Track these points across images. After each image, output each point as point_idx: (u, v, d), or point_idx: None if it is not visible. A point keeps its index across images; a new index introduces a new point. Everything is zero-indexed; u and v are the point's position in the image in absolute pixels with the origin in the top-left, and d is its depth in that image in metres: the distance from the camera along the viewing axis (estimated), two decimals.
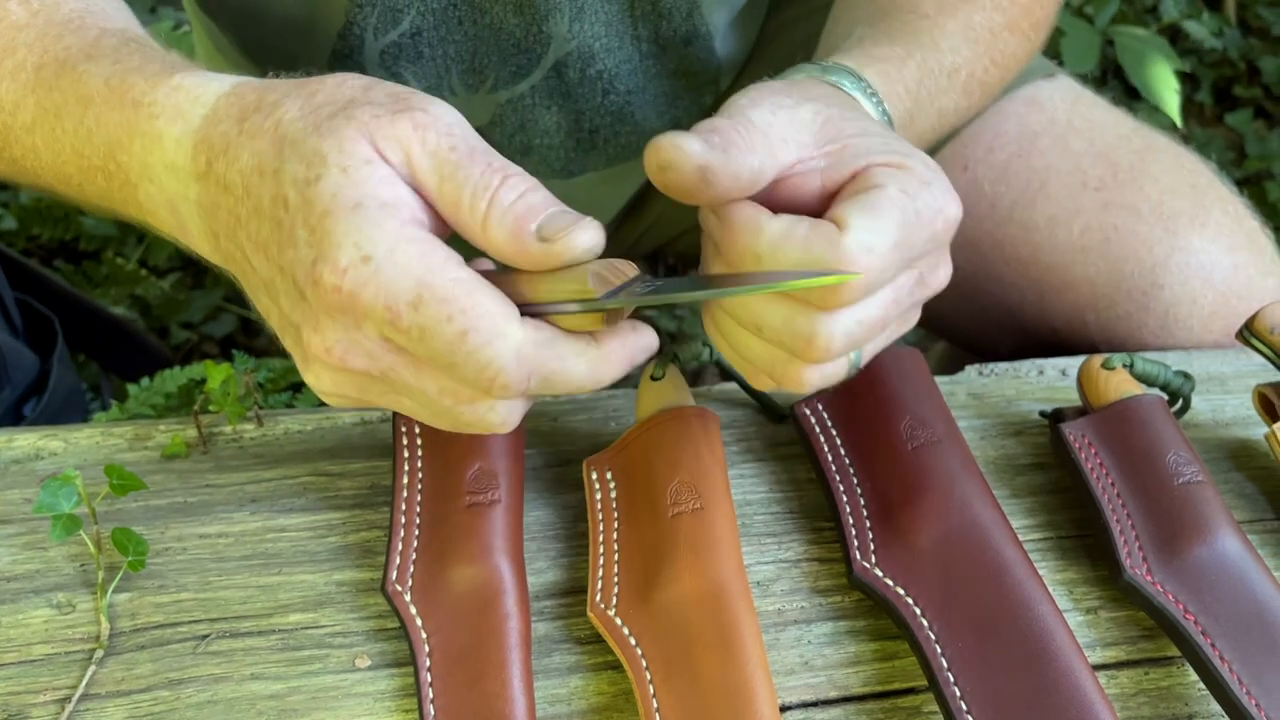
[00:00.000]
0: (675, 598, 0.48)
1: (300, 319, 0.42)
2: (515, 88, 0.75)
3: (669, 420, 0.54)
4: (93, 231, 1.43)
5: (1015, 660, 0.46)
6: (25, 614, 0.50)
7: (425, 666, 0.47)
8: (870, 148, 0.46)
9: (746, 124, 0.44)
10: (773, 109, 0.45)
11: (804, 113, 0.46)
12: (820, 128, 0.46)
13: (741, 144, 0.43)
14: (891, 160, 0.45)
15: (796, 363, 0.45)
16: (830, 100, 0.48)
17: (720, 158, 0.42)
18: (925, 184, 0.45)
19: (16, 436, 0.60)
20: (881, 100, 0.54)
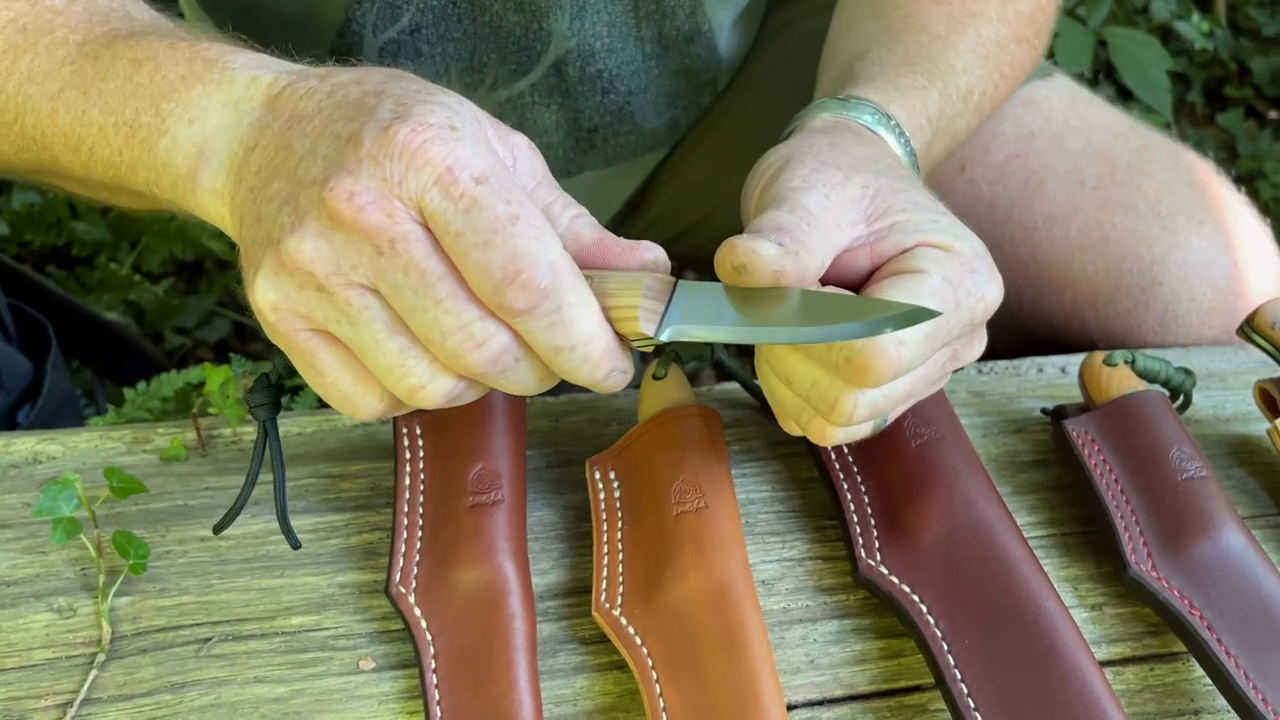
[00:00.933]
0: (680, 597, 0.48)
1: (331, 170, 0.40)
2: (515, 86, 0.75)
3: (672, 419, 0.53)
4: (85, 237, 1.42)
5: (1022, 657, 0.46)
6: (26, 618, 0.50)
7: (430, 668, 0.47)
8: (918, 225, 0.46)
9: (809, 218, 0.44)
10: (825, 192, 0.46)
11: (853, 189, 0.46)
12: (870, 203, 0.46)
13: (810, 243, 0.44)
14: (939, 241, 0.45)
15: (820, 419, 0.46)
16: (876, 165, 0.48)
17: (793, 263, 0.43)
18: (971, 270, 0.45)
19: (14, 441, 0.60)
20: (907, 136, 0.55)
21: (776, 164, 0.49)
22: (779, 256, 0.42)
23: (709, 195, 0.89)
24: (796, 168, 0.47)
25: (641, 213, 0.91)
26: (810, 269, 0.43)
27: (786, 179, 0.47)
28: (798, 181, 0.46)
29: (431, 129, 0.39)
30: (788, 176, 0.47)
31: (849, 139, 0.51)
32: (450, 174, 0.39)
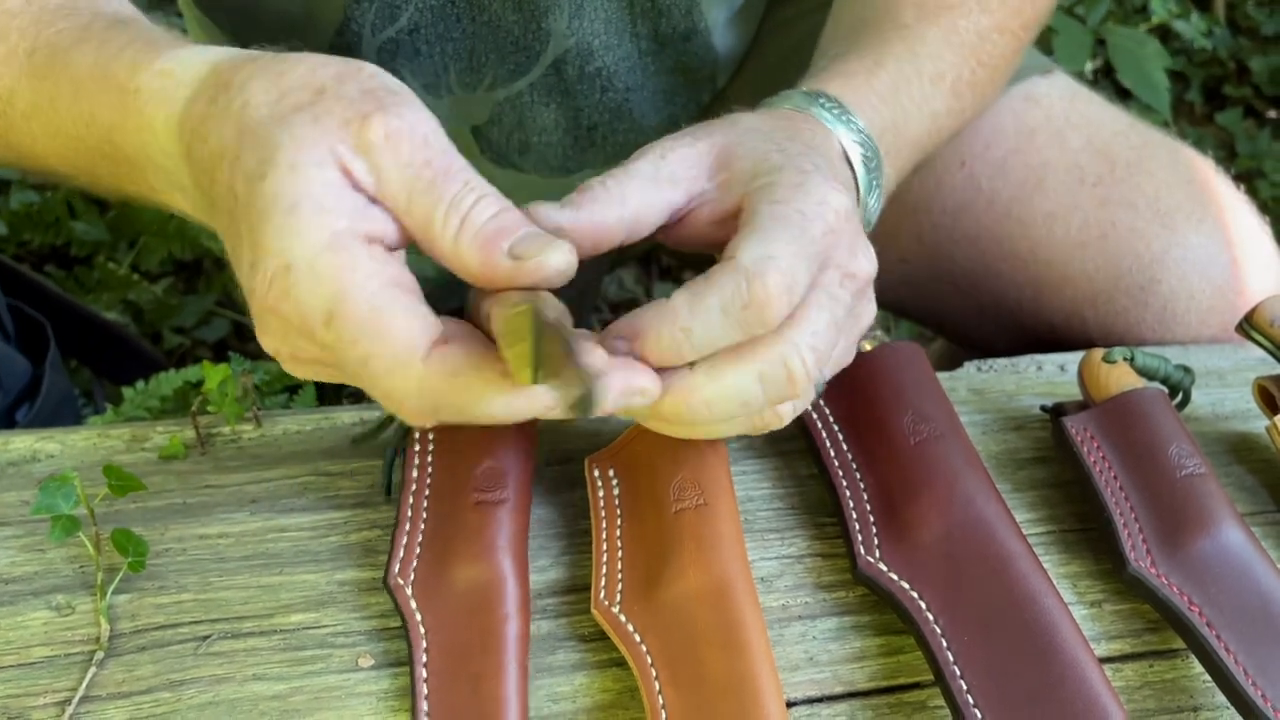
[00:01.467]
0: (680, 594, 0.48)
1: (254, 316, 0.42)
2: (514, 85, 0.75)
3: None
4: (84, 237, 1.42)
5: (1021, 653, 0.46)
6: (24, 616, 0.50)
7: (421, 662, 0.47)
8: (753, 171, 0.46)
9: (621, 176, 0.45)
10: (662, 153, 0.47)
11: (700, 148, 0.47)
12: (714, 160, 0.47)
13: (604, 198, 0.45)
14: (760, 182, 0.46)
15: (769, 409, 0.46)
16: (740, 127, 0.49)
17: (571, 215, 0.44)
18: (796, 186, 0.45)
19: (13, 439, 0.60)
20: (849, 112, 0.54)
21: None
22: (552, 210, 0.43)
23: None
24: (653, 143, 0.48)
25: None
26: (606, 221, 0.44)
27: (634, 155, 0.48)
28: (641, 150, 0.47)
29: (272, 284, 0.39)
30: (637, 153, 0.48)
31: (755, 119, 0.51)
32: (305, 326, 0.40)
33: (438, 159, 0.40)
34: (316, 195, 0.39)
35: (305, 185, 0.39)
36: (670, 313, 0.42)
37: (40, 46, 0.49)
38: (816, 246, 0.44)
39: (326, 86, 0.41)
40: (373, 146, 0.40)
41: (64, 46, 0.49)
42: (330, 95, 0.40)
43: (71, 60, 0.48)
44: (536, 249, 0.40)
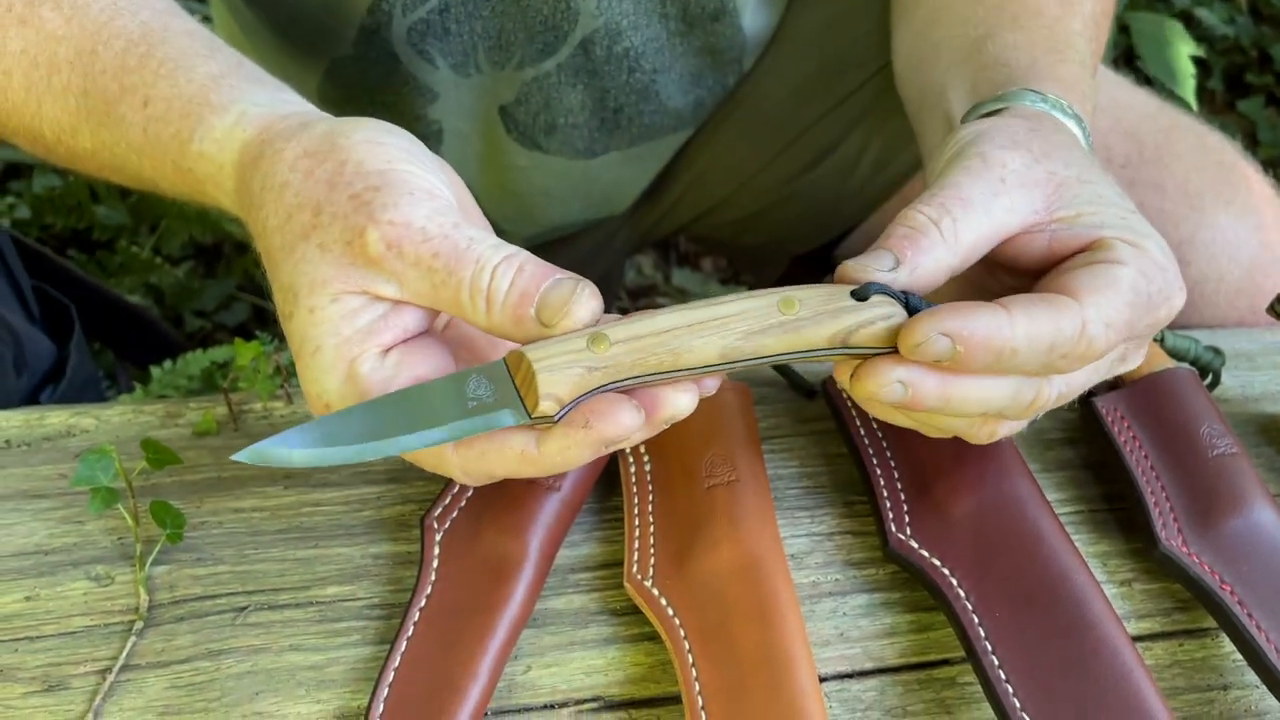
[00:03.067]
0: (712, 568, 0.48)
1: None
2: (541, 65, 0.75)
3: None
4: (106, 220, 1.43)
5: (1053, 630, 0.46)
6: (64, 586, 0.51)
7: (419, 605, 0.48)
8: (1106, 220, 0.45)
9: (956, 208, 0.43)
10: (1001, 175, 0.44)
11: (1038, 173, 0.45)
12: (1054, 192, 0.45)
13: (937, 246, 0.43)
14: (1128, 237, 0.45)
15: (991, 424, 0.45)
16: (1068, 155, 0.47)
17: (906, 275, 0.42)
18: (1161, 269, 0.44)
19: (48, 414, 0.60)
20: (1085, 127, 0.54)
21: (967, 138, 0.47)
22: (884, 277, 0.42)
23: (733, 176, 0.89)
24: (984, 144, 0.46)
25: (664, 194, 0.92)
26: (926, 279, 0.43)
27: (968, 154, 0.45)
28: (975, 161, 0.45)
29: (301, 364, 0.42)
30: (970, 152, 0.46)
31: (1048, 126, 0.50)
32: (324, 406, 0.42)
33: (443, 246, 0.41)
34: (336, 333, 0.41)
35: (324, 327, 0.41)
36: (1008, 332, 0.41)
37: (92, 90, 0.51)
38: (1135, 333, 0.44)
39: (321, 203, 0.42)
40: (380, 260, 0.41)
41: (113, 96, 0.50)
42: (326, 213, 0.42)
43: (124, 118, 0.49)
44: (561, 312, 0.40)
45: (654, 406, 0.41)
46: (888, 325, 0.41)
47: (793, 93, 0.85)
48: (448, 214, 0.42)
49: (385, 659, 0.47)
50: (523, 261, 0.41)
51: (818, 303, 0.41)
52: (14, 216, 1.42)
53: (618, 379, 0.40)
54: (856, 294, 0.42)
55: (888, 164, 0.85)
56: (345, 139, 0.43)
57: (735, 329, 0.41)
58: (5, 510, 0.54)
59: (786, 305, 0.41)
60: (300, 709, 0.46)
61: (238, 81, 0.48)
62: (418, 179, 0.42)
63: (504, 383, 0.41)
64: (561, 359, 0.40)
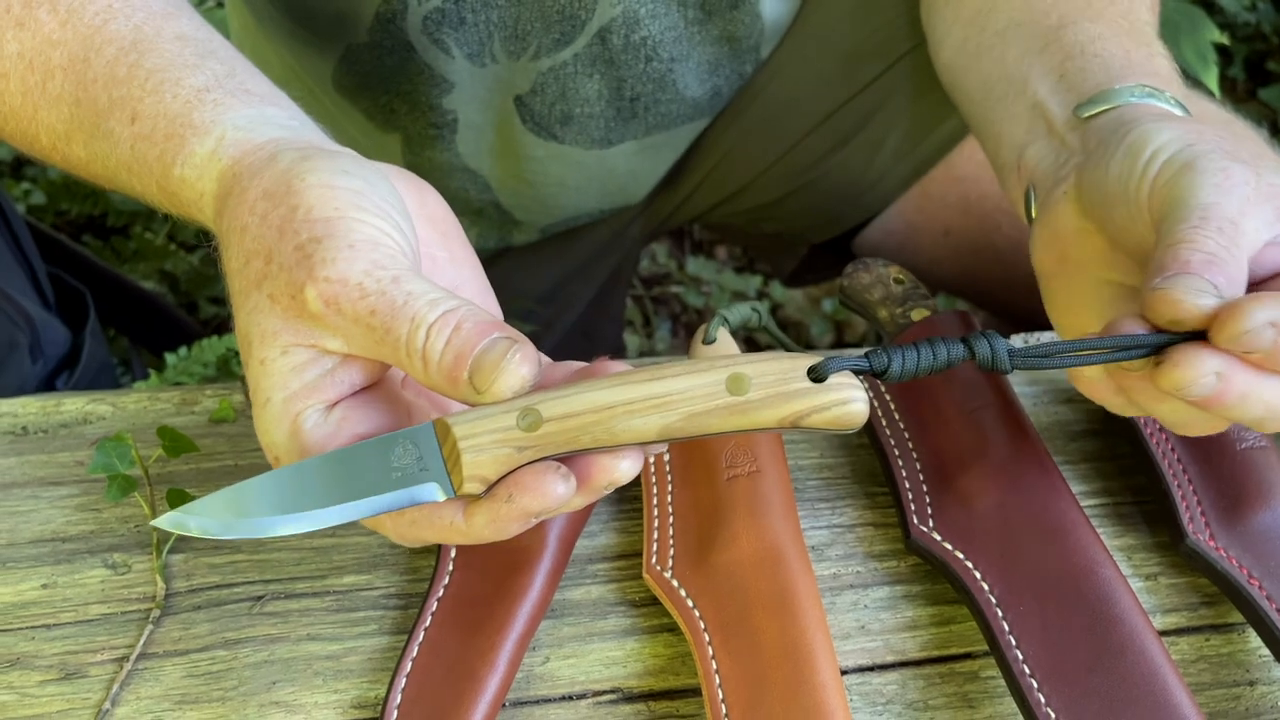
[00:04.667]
0: (733, 559, 0.48)
1: None
2: (558, 55, 0.74)
3: None
4: (121, 207, 1.43)
5: (1078, 623, 0.46)
6: (82, 574, 0.50)
7: (437, 595, 0.48)
8: None
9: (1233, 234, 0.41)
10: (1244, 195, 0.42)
11: (1265, 188, 0.43)
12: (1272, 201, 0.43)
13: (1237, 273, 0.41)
14: None
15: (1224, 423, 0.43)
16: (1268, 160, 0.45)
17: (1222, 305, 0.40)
18: None
19: (64, 401, 0.60)
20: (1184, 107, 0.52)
21: (1173, 152, 0.45)
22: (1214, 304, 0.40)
23: (750, 165, 0.88)
24: (1205, 162, 0.44)
25: (681, 183, 0.91)
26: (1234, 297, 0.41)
27: (1198, 178, 0.43)
28: (1215, 180, 0.43)
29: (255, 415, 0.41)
30: (1199, 172, 0.43)
31: (1239, 129, 0.48)
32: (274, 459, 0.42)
33: (379, 304, 0.39)
34: (284, 387, 0.41)
35: (274, 379, 0.41)
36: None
37: (84, 99, 0.50)
38: None
39: (272, 251, 0.41)
40: (321, 317, 0.40)
41: (103, 108, 0.49)
42: (275, 263, 0.41)
43: (112, 132, 0.48)
44: (490, 378, 0.38)
45: (590, 473, 0.39)
46: (846, 410, 0.39)
47: (811, 81, 0.84)
48: (389, 266, 0.40)
49: (403, 649, 0.46)
50: (460, 319, 0.39)
51: (770, 382, 0.38)
52: (29, 203, 1.43)
53: (548, 456, 0.38)
54: (814, 372, 0.39)
55: (907, 154, 0.84)
56: (300, 181, 0.41)
57: (679, 409, 0.38)
58: (22, 497, 0.54)
59: (736, 384, 0.38)
60: (317, 698, 0.46)
61: (223, 96, 0.47)
62: (363, 228, 0.40)
63: (431, 450, 0.39)
64: (489, 438, 0.38)
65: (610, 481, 0.39)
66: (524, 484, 0.38)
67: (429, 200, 0.46)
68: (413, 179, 0.46)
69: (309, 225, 0.40)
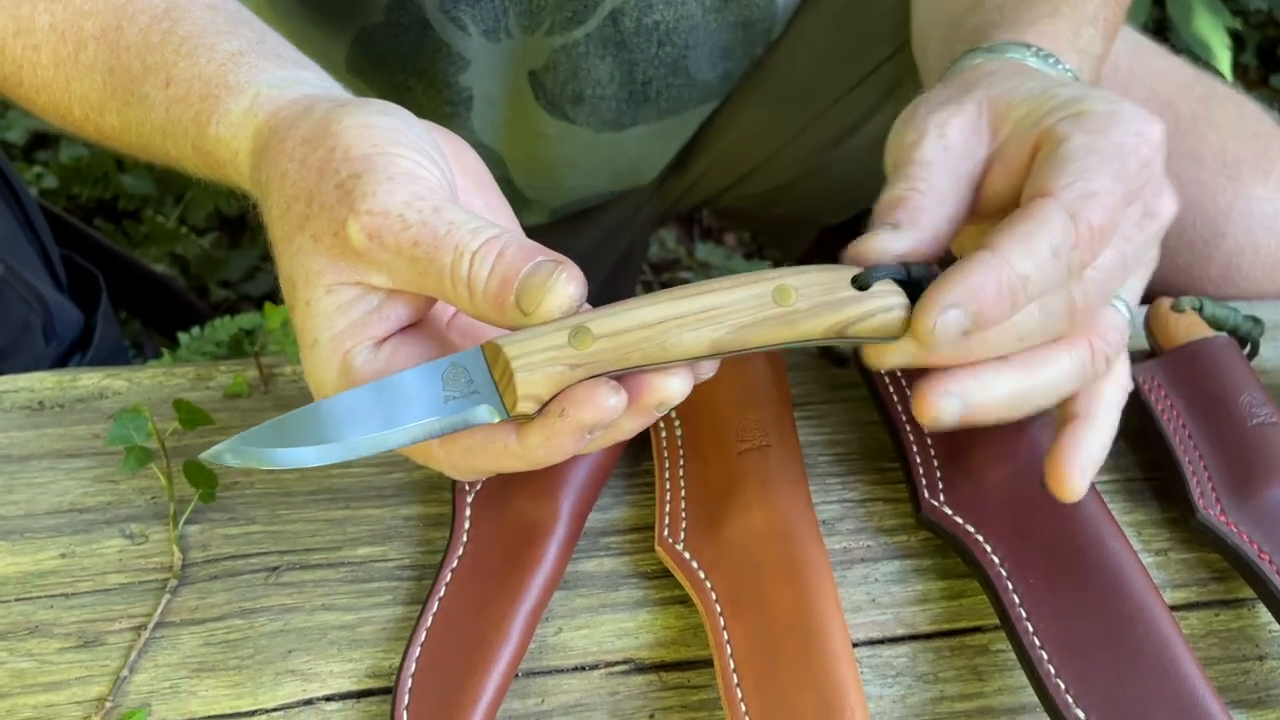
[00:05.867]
0: (744, 532, 0.48)
1: None
2: (570, 34, 0.74)
3: (736, 359, 0.53)
4: (132, 191, 1.43)
5: (1089, 597, 0.46)
6: (99, 544, 0.51)
7: (451, 566, 0.48)
8: (1038, 110, 0.43)
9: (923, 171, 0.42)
10: (940, 131, 0.43)
11: (969, 109, 0.44)
12: (990, 117, 0.44)
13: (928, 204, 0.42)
14: (1065, 113, 0.42)
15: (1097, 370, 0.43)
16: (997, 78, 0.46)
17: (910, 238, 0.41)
18: (1110, 115, 0.42)
19: (81, 375, 0.61)
20: (1060, 60, 0.51)
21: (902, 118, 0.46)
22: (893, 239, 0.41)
23: (760, 147, 0.88)
24: (912, 119, 0.45)
25: (690, 166, 0.91)
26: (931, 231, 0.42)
27: (903, 133, 0.44)
28: (913, 134, 0.44)
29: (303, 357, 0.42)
30: (905, 130, 0.45)
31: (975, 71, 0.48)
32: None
33: (421, 234, 0.39)
34: (331, 326, 0.41)
35: (320, 319, 0.41)
36: (1002, 262, 0.39)
37: (117, 67, 0.50)
38: (1133, 183, 0.41)
39: (313, 193, 0.41)
40: (364, 253, 0.40)
41: (137, 75, 0.49)
42: (316, 203, 0.41)
43: (147, 97, 0.49)
44: (538, 298, 0.38)
45: (641, 391, 0.39)
46: (889, 317, 0.39)
47: (821, 63, 0.84)
48: (429, 197, 0.40)
49: (417, 619, 0.47)
50: (503, 245, 0.39)
51: (816, 292, 0.39)
52: (41, 186, 1.43)
53: (600, 373, 0.38)
54: (858, 280, 0.39)
55: None
56: (338, 124, 0.42)
57: (727, 322, 0.38)
58: (40, 469, 0.55)
59: (782, 295, 0.39)
60: (333, 667, 0.47)
61: (256, 59, 0.47)
62: (401, 161, 0.41)
63: (481, 374, 0.39)
64: (541, 356, 0.37)
65: (661, 400, 0.39)
66: (576, 397, 0.38)
67: (464, 153, 0.46)
68: (447, 132, 0.46)
69: (348, 163, 0.40)
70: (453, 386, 0.39)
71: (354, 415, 0.39)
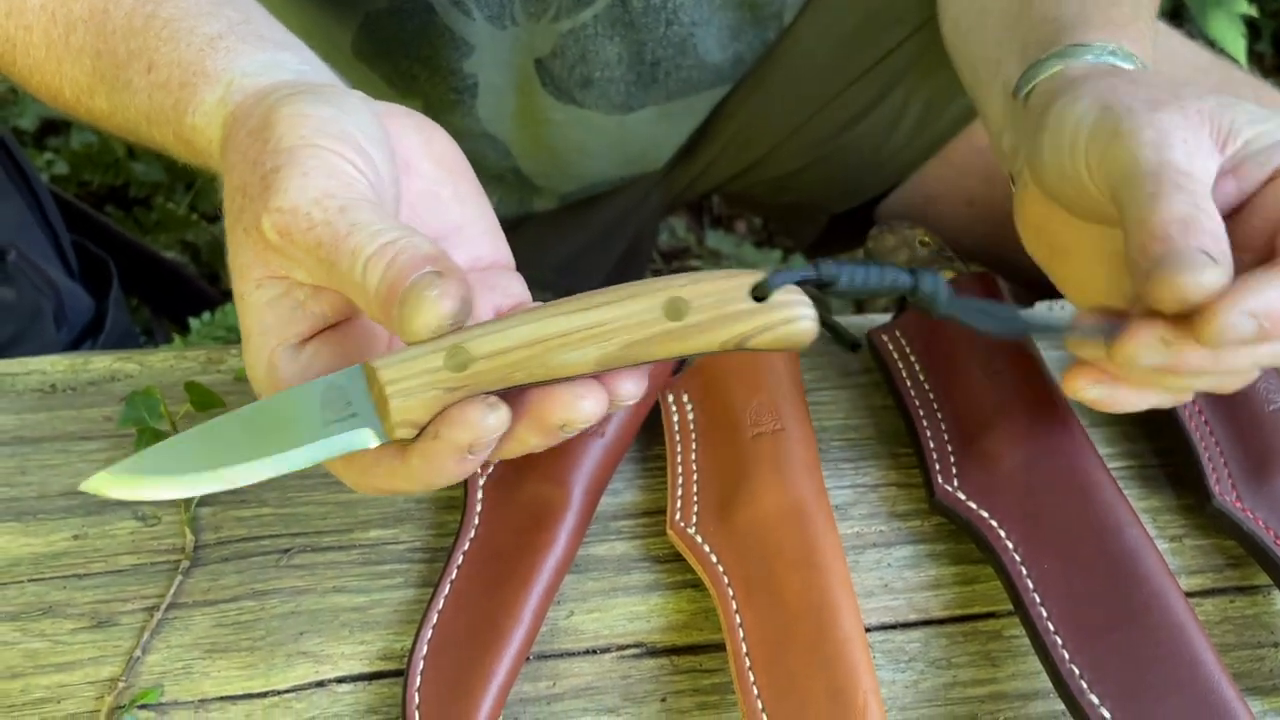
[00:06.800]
0: (757, 516, 0.48)
1: None
2: (578, 16, 0.74)
3: None
4: (143, 178, 1.43)
5: (1103, 583, 0.46)
6: (112, 525, 0.51)
7: (462, 549, 0.48)
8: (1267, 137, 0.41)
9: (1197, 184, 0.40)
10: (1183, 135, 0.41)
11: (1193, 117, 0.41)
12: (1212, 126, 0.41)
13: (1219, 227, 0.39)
14: None
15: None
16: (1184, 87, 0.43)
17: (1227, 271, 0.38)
18: None
19: (93, 359, 0.61)
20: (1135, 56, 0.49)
21: (1091, 123, 0.43)
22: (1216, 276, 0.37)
23: (771, 134, 0.88)
24: (1130, 123, 0.41)
25: (701, 152, 0.91)
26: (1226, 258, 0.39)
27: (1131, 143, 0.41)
28: (1149, 137, 0.40)
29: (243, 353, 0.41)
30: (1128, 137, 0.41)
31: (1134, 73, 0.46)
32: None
33: (324, 234, 0.38)
34: (260, 321, 0.40)
35: (251, 315, 0.40)
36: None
37: (104, 51, 0.50)
38: None
39: (247, 184, 0.40)
40: (280, 249, 0.39)
41: (122, 59, 0.49)
42: (248, 195, 0.40)
43: (131, 83, 0.48)
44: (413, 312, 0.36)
45: (544, 410, 0.37)
46: (792, 329, 0.36)
47: (833, 49, 0.83)
48: (340, 195, 0.38)
49: (429, 601, 0.47)
50: (397, 251, 0.37)
51: (710, 304, 0.36)
52: (52, 173, 1.43)
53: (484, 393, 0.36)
54: (757, 290, 0.36)
55: (930, 123, 0.83)
56: (275, 114, 0.41)
57: (615, 339, 0.36)
58: (52, 451, 0.55)
59: (673, 309, 0.36)
60: (344, 649, 0.47)
61: (236, 43, 0.46)
62: (323, 155, 0.39)
63: (361, 396, 0.37)
64: (416, 381, 0.36)
65: (565, 422, 0.37)
66: (450, 418, 0.36)
67: (436, 139, 0.45)
68: (418, 118, 0.45)
69: (274, 155, 0.39)
70: (332, 409, 0.37)
71: (231, 444, 0.37)
